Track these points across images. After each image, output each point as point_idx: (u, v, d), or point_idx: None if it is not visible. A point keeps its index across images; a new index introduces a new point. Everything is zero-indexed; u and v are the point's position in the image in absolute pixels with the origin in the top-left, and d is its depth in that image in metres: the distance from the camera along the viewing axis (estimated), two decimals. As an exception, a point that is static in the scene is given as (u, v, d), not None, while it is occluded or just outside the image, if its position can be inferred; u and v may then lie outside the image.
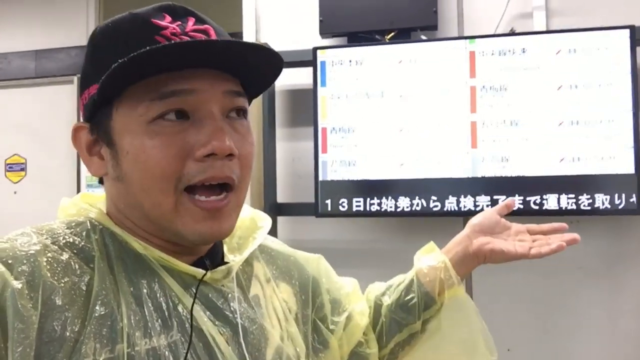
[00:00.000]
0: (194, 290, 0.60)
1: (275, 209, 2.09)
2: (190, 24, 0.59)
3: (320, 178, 1.89)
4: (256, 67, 0.59)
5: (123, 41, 0.57)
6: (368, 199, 1.85)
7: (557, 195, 1.72)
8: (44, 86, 2.41)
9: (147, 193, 0.57)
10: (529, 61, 1.72)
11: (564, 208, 1.72)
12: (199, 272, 0.60)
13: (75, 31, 2.39)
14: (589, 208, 1.71)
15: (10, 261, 0.52)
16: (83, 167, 2.38)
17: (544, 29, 1.91)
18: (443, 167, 1.79)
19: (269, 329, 0.66)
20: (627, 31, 1.69)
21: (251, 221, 0.71)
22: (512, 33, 1.88)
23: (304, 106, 2.07)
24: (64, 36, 2.39)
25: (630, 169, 1.68)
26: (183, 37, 0.57)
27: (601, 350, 1.92)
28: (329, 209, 1.89)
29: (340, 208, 1.88)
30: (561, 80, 1.70)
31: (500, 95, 1.73)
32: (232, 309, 0.62)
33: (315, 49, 1.92)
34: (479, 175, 1.76)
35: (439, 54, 1.80)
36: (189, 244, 0.60)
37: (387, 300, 0.84)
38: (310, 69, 1.96)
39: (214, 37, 0.59)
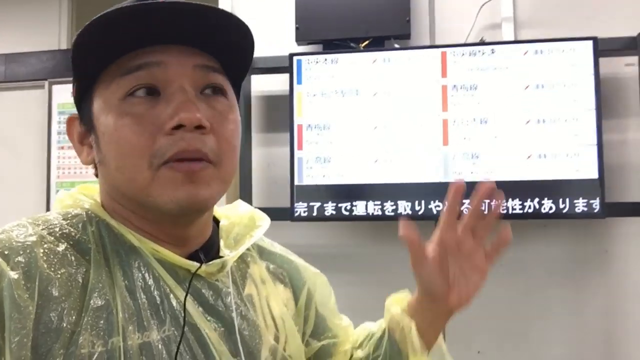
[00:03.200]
0: (187, 284, 0.61)
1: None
2: None
3: (296, 179, 1.98)
4: (229, 43, 0.61)
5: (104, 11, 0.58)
6: (342, 204, 1.94)
7: (523, 200, 1.84)
8: (13, 91, 2.47)
9: (122, 171, 0.59)
10: (497, 61, 1.88)
11: (529, 212, 1.83)
12: (193, 265, 0.62)
13: (47, 35, 2.46)
14: (554, 212, 1.83)
15: (6, 252, 0.54)
16: (53, 173, 2.43)
17: (512, 39, 2.09)
18: (416, 167, 1.91)
19: (262, 328, 0.67)
20: (591, 42, 1.85)
21: (250, 219, 0.73)
22: (482, 43, 2.05)
23: (280, 112, 2.18)
24: (35, 40, 2.44)
25: (594, 173, 1.82)
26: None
27: (569, 351, 2.02)
28: (305, 213, 1.97)
29: (315, 212, 1.96)
30: (528, 80, 1.86)
31: (470, 94, 1.88)
32: (225, 304, 0.64)
33: (291, 55, 2.05)
34: (451, 178, 1.88)
35: (411, 55, 1.95)
36: (169, 218, 0.61)
37: (359, 355, 0.81)
38: (286, 75, 2.08)
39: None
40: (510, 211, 1.85)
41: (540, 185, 1.84)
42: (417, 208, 1.90)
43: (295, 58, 2.01)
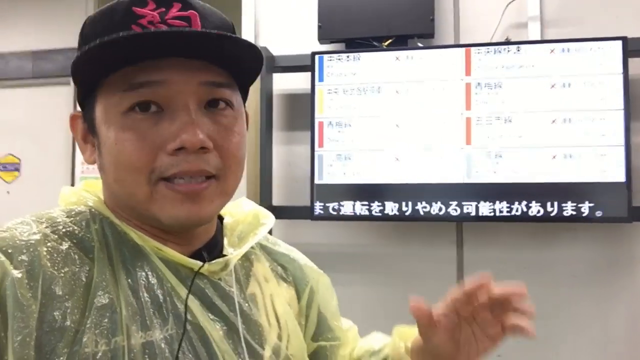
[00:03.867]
0: (190, 283, 0.61)
1: (270, 212, 2.17)
2: (174, 10, 0.59)
3: (316, 177, 1.99)
4: (237, 56, 0.61)
5: (104, 29, 0.58)
6: (364, 203, 1.94)
7: (547, 203, 1.82)
8: (40, 87, 2.53)
9: (121, 184, 0.60)
10: (523, 60, 1.87)
11: (555, 215, 1.82)
12: (195, 263, 0.62)
13: (73, 32, 2.50)
14: (579, 215, 1.81)
15: (10, 250, 0.55)
16: (77, 168, 2.48)
17: (539, 38, 2.07)
18: (438, 166, 1.91)
19: (265, 327, 0.68)
20: (620, 42, 1.83)
21: (254, 217, 0.73)
22: (508, 42, 2.04)
23: (302, 110, 2.20)
24: (61, 37, 2.49)
25: (621, 176, 1.79)
26: (160, 25, 0.58)
27: (592, 356, 1.99)
28: (325, 212, 1.98)
29: (336, 211, 1.97)
30: (554, 79, 1.84)
31: (494, 92, 1.87)
32: (228, 303, 0.64)
33: (313, 54, 2.06)
34: (473, 178, 1.87)
35: (435, 52, 1.95)
36: (168, 229, 0.62)
37: None
38: (308, 74, 2.10)
39: (197, 23, 0.60)
40: (535, 214, 1.83)
41: (565, 187, 1.82)
42: (437, 209, 1.90)
43: (317, 56, 2.02)
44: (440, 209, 1.89)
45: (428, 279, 2.09)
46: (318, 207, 1.98)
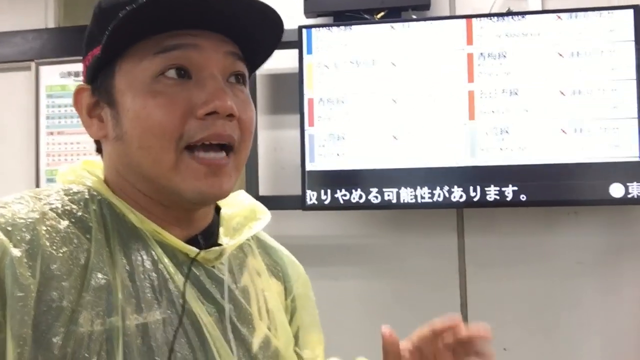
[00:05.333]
0: (186, 269, 0.63)
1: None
2: None
3: (307, 160, 1.89)
4: (254, 33, 0.64)
5: (128, 1, 0.60)
6: (359, 191, 1.85)
7: (554, 184, 1.76)
8: (-1, 72, 2.39)
9: (148, 151, 0.61)
10: (528, 27, 1.79)
11: (563, 199, 1.76)
12: (192, 250, 0.64)
13: (33, 14, 2.39)
14: (590, 198, 1.75)
15: (9, 228, 0.56)
16: (42, 160, 2.33)
17: (540, 9, 1.99)
18: (439, 144, 1.82)
19: (256, 317, 0.70)
20: (631, 11, 1.75)
21: (251, 211, 0.76)
22: (510, 13, 1.95)
23: (288, 91, 2.09)
24: (20, 19, 2.37)
25: (634, 151, 1.72)
26: None
27: (601, 346, 1.94)
28: (317, 201, 1.87)
29: (329, 200, 1.87)
30: (562, 47, 1.77)
31: (498, 63, 1.79)
32: (221, 291, 0.66)
33: (300, 28, 1.95)
34: (477, 157, 1.79)
35: (434, 21, 1.86)
36: (188, 204, 0.64)
37: None
38: (294, 51, 1.99)
39: None
40: (542, 198, 1.77)
41: (576, 168, 1.75)
42: (439, 195, 1.81)
43: (304, 30, 1.91)
44: (443, 195, 1.81)
45: (428, 271, 2.01)
46: (310, 196, 1.87)
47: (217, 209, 0.73)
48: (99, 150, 0.68)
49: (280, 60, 2.13)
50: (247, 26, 0.63)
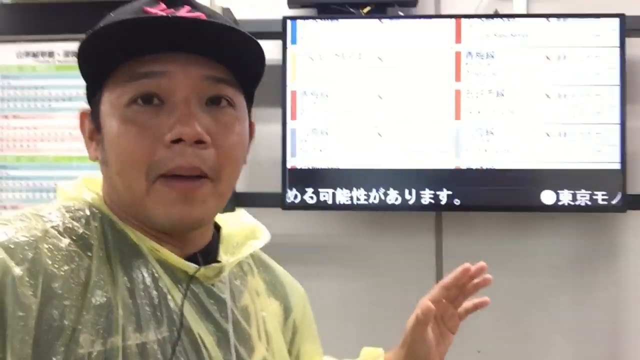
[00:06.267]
0: (185, 286, 0.64)
1: (234, 199, 1.99)
2: (184, 11, 0.63)
3: (289, 154, 1.85)
4: (238, 54, 0.64)
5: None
6: (343, 190, 1.82)
7: (536, 190, 1.78)
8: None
9: (122, 177, 0.63)
10: (516, 28, 1.80)
11: (544, 204, 1.78)
12: (191, 266, 0.65)
13: None
14: (573, 203, 1.77)
15: (11, 246, 0.56)
16: None
17: (524, 12, 2.01)
18: (425, 143, 1.81)
19: (255, 337, 0.71)
20: (617, 20, 1.77)
21: (251, 231, 0.77)
22: (497, 15, 1.95)
23: (268, 84, 2.01)
24: None
25: (615, 157, 1.77)
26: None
27: (573, 351, 1.98)
28: (298, 200, 1.83)
29: (311, 200, 1.83)
30: (549, 50, 1.79)
31: (486, 63, 1.79)
32: (220, 309, 0.67)
33: (285, 19, 1.90)
34: (462, 158, 1.80)
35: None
36: (162, 229, 0.64)
37: None
38: (276, 42, 1.94)
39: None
40: (523, 203, 1.79)
41: (559, 174, 1.78)
42: (423, 197, 1.80)
43: (289, 21, 1.87)
44: (428, 198, 1.80)
45: (406, 272, 2.00)
46: (291, 195, 1.82)
47: (218, 228, 0.74)
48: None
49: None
50: (223, 45, 0.62)
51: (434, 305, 0.83)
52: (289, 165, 1.85)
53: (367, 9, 1.99)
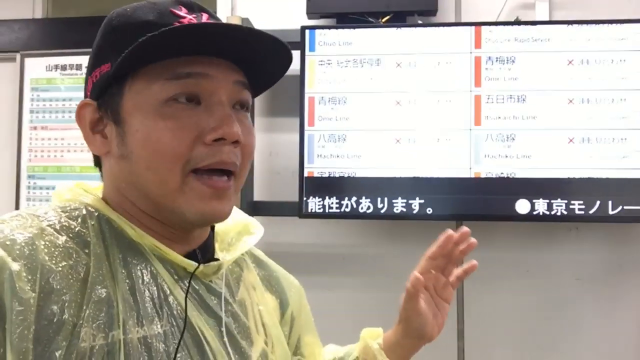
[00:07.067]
0: (186, 283, 0.66)
1: (252, 208, 2.01)
2: (204, 18, 0.67)
3: (306, 160, 1.86)
4: (265, 63, 0.68)
5: (144, 24, 0.64)
6: (358, 199, 1.82)
7: (560, 200, 1.75)
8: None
9: (154, 172, 0.64)
10: (538, 33, 1.79)
11: (563, 214, 1.75)
12: (191, 264, 0.67)
13: (20, 3, 2.36)
14: (593, 214, 1.74)
15: (8, 243, 0.57)
16: (24, 156, 2.28)
17: (547, 19, 2.00)
18: (443, 150, 1.80)
19: (254, 331, 0.73)
20: None
21: (244, 227, 0.79)
22: (518, 22, 1.95)
23: (286, 93, 2.06)
24: (6, 8, 2.34)
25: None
26: None
27: None
28: (316, 209, 1.84)
29: (330, 208, 1.84)
30: (572, 55, 1.77)
31: (507, 68, 1.78)
32: (220, 304, 0.69)
33: (303, 29, 1.93)
34: (482, 165, 1.78)
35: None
36: (188, 225, 0.67)
37: None
38: (295, 53, 1.96)
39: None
40: (544, 212, 1.76)
41: (580, 183, 1.75)
42: (444, 207, 1.79)
43: (307, 30, 1.90)
44: (449, 207, 1.79)
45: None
46: (308, 203, 1.83)
47: (212, 225, 0.76)
48: (97, 164, 0.71)
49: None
50: (257, 57, 0.66)
51: (424, 277, 0.86)
52: (305, 173, 1.86)
53: (386, 17, 2.02)
